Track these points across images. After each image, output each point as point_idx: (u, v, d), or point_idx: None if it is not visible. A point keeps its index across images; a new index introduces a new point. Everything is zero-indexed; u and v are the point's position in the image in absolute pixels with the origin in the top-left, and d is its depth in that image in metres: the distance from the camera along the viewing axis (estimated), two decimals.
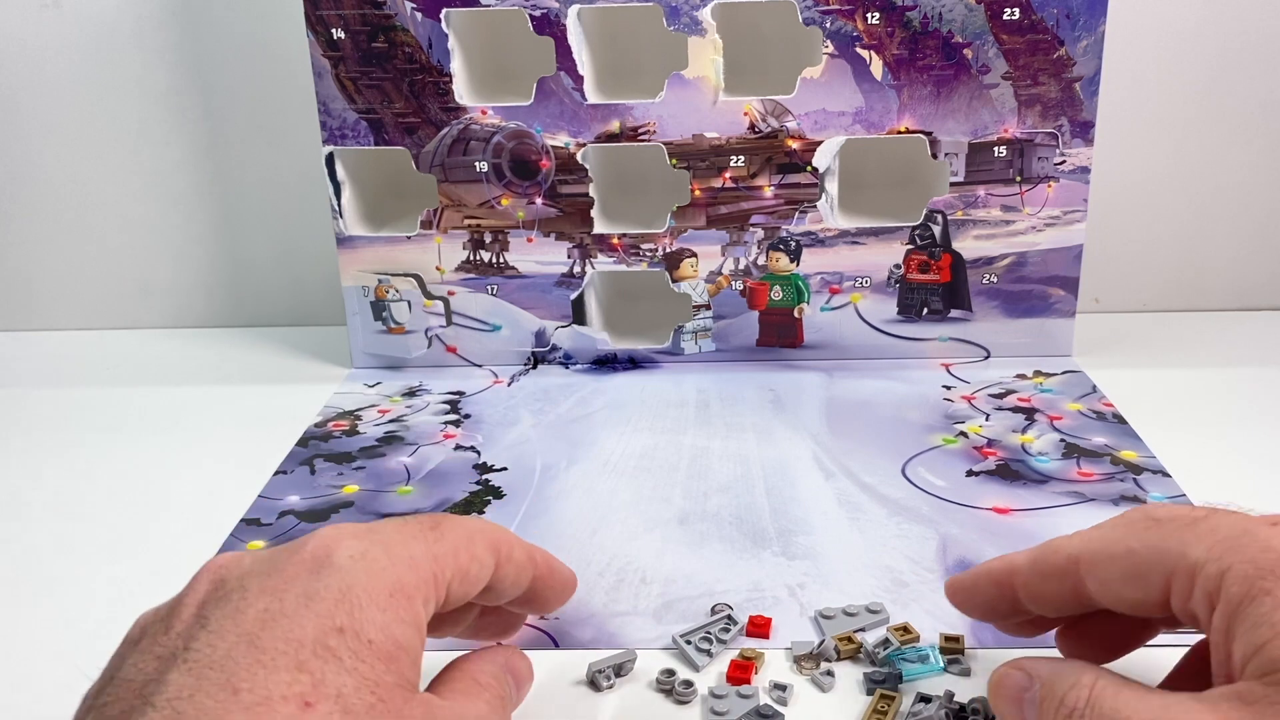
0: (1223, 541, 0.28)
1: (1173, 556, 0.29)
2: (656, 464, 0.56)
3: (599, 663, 0.40)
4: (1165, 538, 0.30)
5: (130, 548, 0.51)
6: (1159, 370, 0.66)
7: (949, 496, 0.52)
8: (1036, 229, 0.65)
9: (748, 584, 0.45)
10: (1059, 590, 0.33)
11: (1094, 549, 0.31)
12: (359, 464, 0.57)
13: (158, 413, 0.66)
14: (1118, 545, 0.31)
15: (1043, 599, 0.33)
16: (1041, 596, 0.33)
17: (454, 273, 0.68)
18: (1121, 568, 0.30)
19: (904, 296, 0.67)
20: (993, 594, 0.35)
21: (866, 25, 0.62)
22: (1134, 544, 0.30)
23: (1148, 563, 0.30)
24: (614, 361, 0.69)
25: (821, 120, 0.64)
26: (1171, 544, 0.29)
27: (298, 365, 0.72)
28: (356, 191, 0.68)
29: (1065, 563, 0.32)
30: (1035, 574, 0.33)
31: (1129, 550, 0.30)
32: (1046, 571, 0.33)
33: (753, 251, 0.67)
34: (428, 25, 0.63)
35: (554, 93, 0.64)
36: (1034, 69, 0.62)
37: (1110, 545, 0.31)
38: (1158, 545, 0.30)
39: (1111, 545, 0.31)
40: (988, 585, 0.35)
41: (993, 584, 0.35)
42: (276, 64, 0.73)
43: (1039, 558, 0.33)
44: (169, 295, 0.80)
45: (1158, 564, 0.29)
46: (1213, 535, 0.29)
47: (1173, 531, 0.30)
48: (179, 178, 0.77)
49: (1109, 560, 0.31)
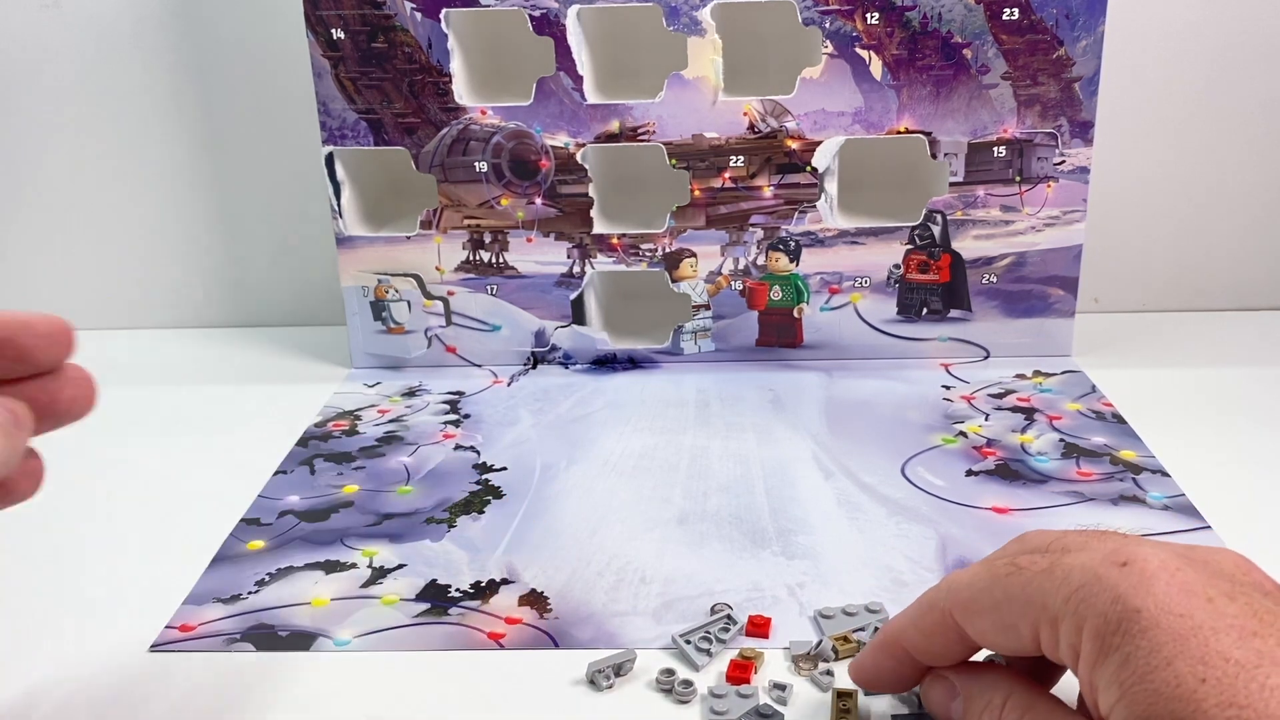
0: (1077, 592, 0.27)
1: (1035, 608, 0.29)
2: (656, 464, 0.56)
3: (599, 663, 0.40)
4: (1026, 587, 0.29)
5: (130, 547, 0.51)
6: (1158, 370, 0.66)
7: (948, 496, 0.52)
8: (1036, 229, 0.65)
9: (747, 584, 0.45)
10: (945, 644, 0.32)
11: (963, 600, 0.31)
12: (359, 464, 0.58)
13: (158, 413, 0.66)
14: (985, 597, 0.30)
15: (936, 655, 0.33)
16: (933, 653, 0.33)
17: (454, 273, 0.68)
18: (991, 620, 0.30)
19: (904, 296, 0.67)
20: (893, 664, 0.34)
21: (866, 25, 0.62)
22: (999, 595, 0.30)
23: (1015, 615, 0.29)
24: (614, 361, 0.69)
25: (821, 120, 0.64)
26: (1032, 594, 0.29)
27: (298, 365, 0.72)
28: (356, 191, 0.68)
29: (942, 617, 0.32)
30: (919, 634, 0.33)
31: (995, 603, 0.30)
32: (928, 630, 0.33)
33: (752, 251, 0.67)
34: (428, 25, 0.63)
35: (554, 93, 0.64)
36: (1033, 69, 0.62)
37: (978, 596, 0.31)
38: (1020, 596, 0.29)
39: (980, 596, 0.30)
40: (885, 658, 0.35)
41: (889, 655, 0.34)
42: (276, 64, 0.73)
43: (917, 617, 0.33)
44: (169, 295, 0.80)
45: (1023, 615, 0.29)
46: (1067, 584, 0.28)
47: (1032, 580, 0.29)
48: (179, 178, 0.77)
49: (979, 613, 0.31)
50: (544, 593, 0.45)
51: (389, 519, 0.52)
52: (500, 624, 0.44)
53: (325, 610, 0.45)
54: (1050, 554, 0.30)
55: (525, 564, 0.48)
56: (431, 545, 0.49)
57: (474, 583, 0.46)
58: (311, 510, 0.53)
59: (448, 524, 0.51)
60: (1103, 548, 0.29)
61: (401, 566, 0.48)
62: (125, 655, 0.42)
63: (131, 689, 0.40)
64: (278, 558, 0.49)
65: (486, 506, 0.53)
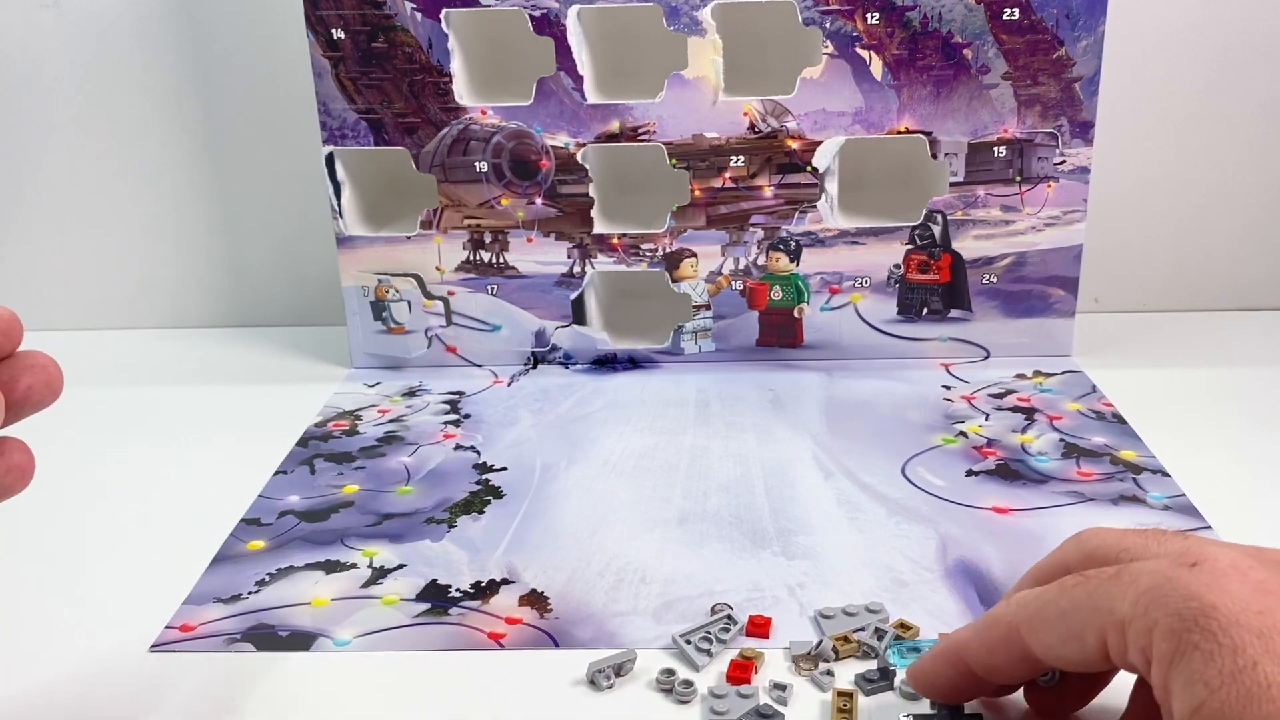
0: (1146, 594, 0.27)
1: (1101, 614, 0.28)
2: (656, 464, 0.56)
3: (599, 663, 0.40)
4: (1092, 594, 0.29)
5: (130, 547, 0.51)
6: (1159, 370, 0.66)
7: (949, 496, 0.52)
8: (1036, 229, 0.65)
9: (747, 584, 0.45)
10: (1008, 660, 0.32)
11: (1030, 614, 0.31)
12: (359, 464, 0.57)
13: (158, 413, 0.66)
14: (1051, 609, 0.30)
15: (996, 670, 0.33)
16: (994, 668, 0.33)
17: (454, 273, 0.68)
18: (1057, 631, 0.30)
19: (904, 296, 0.67)
20: (951, 674, 0.34)
21: (866, 25, 0.62)
22: (1065, 605, 0.30)
23: (1081, 623, 0.29)
24: (614, 361, 0.69)
25: (821, 120, 0.64)
26: (1099, 600, 0.29)
27: (298, 365, 0.72)
28: (356, 191, 0.68)
29: (1007, 631, 0.32)
30: (982, 648, 0.33)
31: (1061, 612, 0.30)
32: (992, 644, 0.32)
33: (753, 251, 0.67)
34: (428, 25, 0.63)
35: (554, 93, 0.64)
36: (1034, 69, 0.62)
37: (1045, 609, 0.30)
38: (1086, 604, 0.29)
39: (1046, 609, 0.30)
40: (944, 667, 0.34)
41: (948, 665, 0.34)
42: (276, 64, 0.73)
43: (982, 631, 0.33)
44: (169, 295, 0.80)
45: (1089, 623, 0.29)
46: (1135, 588, 0.28)
47: (1098, 587, 0.29)
48: (179, 178, 0.77)
49: (1045, 624, 0.30)
50: (544, 593, 0.45)
51: (389, 519, 0.52)
52: (500, 624, 0.44)
53: (325, 610, 0.45)
54: (1119, 563, 0.29)
55: (525, 564, 0.48)
56: (432, 545, 0.49)
57: (474, 583, 0.46)
58: (311, 510, 0.53)
59: (448, 524, 0.51)
60: (1169, 549, 0.28)
61: (402, 566, 0.48)
62: (125, 655, 0.42)
63: (131, 689, 0.40)
64: (278, 558, 0.49)
65: (486, 506, 0.53)
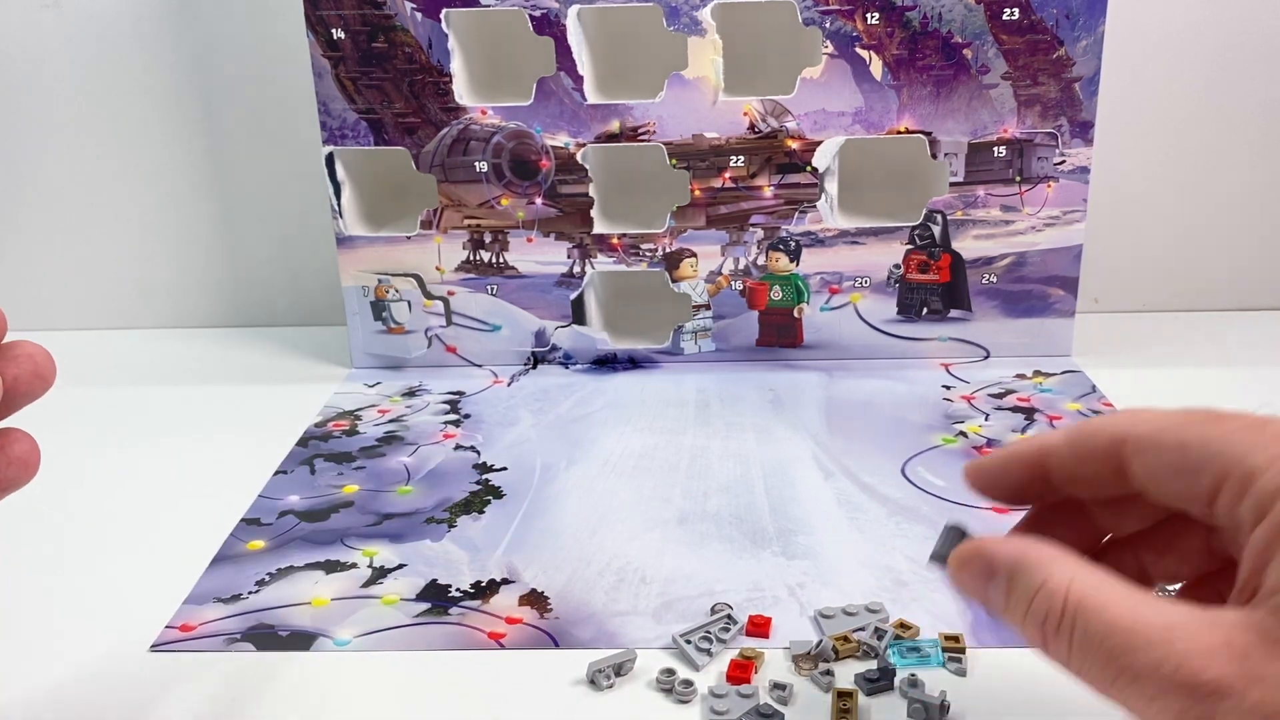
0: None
1: (1230, 458, 0.26)
2: (656, 464, 0.56)
3: (599, 662, 0.40)
4: (1227, 436, 0.26)
5: (130, 547, 0.51)
6: (1158, 370, 0.66)
7: (949, 496, 0.52)
8: (1036, 229, 0.65)
9: (747, 584, 0.45)
10: (1099, 473, 0.30)
11: (1143, 433, 0.28)
12: (359, 464, 0.58)
13: (157, 413, 0.66)
14: (1170, 435, 0.28)
15: (1080, 481, 0.31)
16: (1079, 478, 0.31)
17: (454, 273, 0.68)
18: (1171, 459, 0.28)
19: (904, 296, 0.67)
20: (1022, 477, 0.32)
21: (866, 25, 0.62)
22: (1189, 436, 0.27)
23: (1201, 459, 0.27)
24: (614, 361, 0.69)
25: (821, 120, 0.64)
26: (1233, 444, 0.26)
27: (298, 365, 0.72)
28: (356, 191, 0.68)
29: (1109, 444, 0.29)
30: (1073, 455, 0.30)
31: (1182, 442, 0.27)
32: (1087, 453, 0.30)
33: (752, 251, 0.67)
34: (428, 25, 0.63)
35: (554, 93, 0.64)
36: (1034, 69, 0.62)
37: (1162, 433, 0.28)
38: (1215, 442, 0.27)
39: (1164, 434, 0.28)
40: (1018, 468, 0.32)
41: (1023, 466, 0.32)
42: (276, 64, 0.73)
43: (1078, 439, 0.30)
44: (169, 295, 0.80)
45: (1212, 462, 0.26)
46: (1278, 442, 0.25)
47: (1236, 430, 0.27)
48: (179, 178, 0.77)
49: (1158, 449, 0.28)
50: (544, 593, 0.45)
51: (389, 519, 0.52)
52: (500, 624, 0.44)
53: (325, 610, 0.45)
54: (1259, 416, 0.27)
55: (525, 564, 0.48)
56: (432, 545, 0.49)
57: (474, 583, 0.46)
58: (311, 510, 0.53)
59: (448, 524, 0.51)
60: None
61: (402, 566, 0.48)
62: (125, 655, 0.42)
63: (131, 689, 0.40)
64: (278, 558, 0.49)
65: (486, 506, 0.53)
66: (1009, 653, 0.40)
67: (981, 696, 0.38)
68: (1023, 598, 0.27)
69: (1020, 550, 0.28)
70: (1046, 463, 0.31)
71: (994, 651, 0.40)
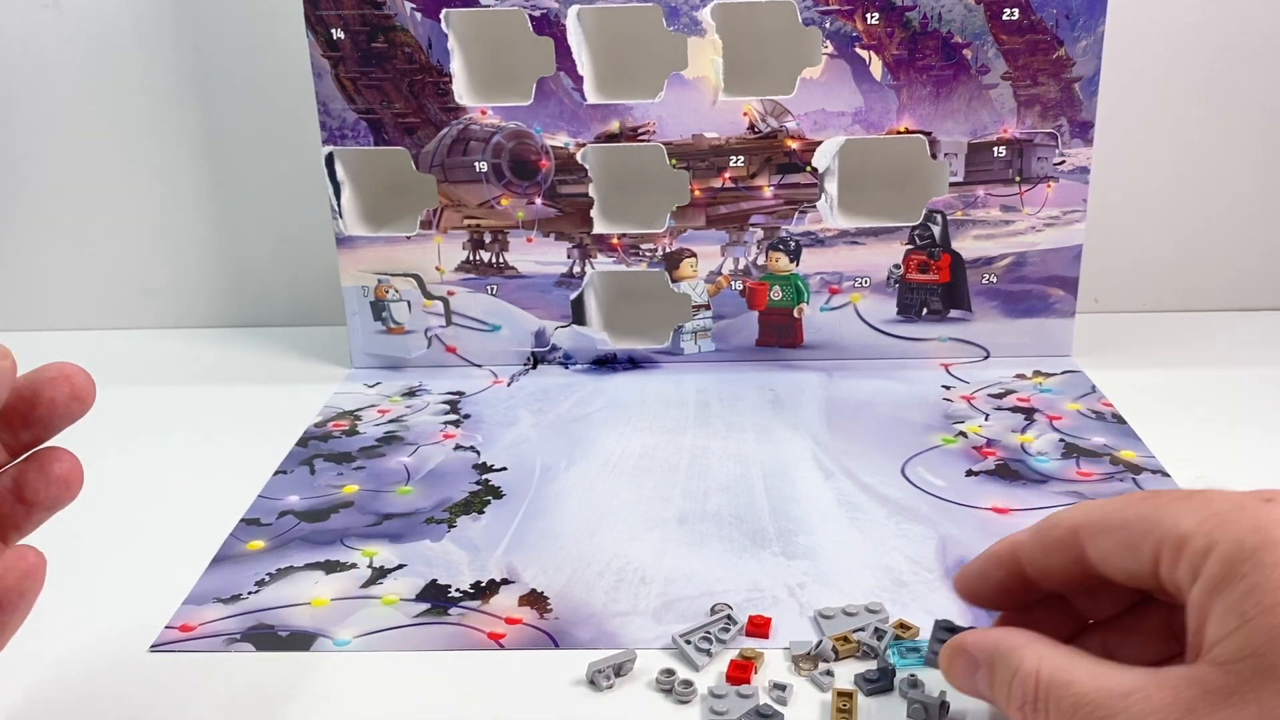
0: (1214, 516, 0.28)
1: (1164, 527, 0.29)
2: (656, 464, 0.56)
3: (599, 663, 0.40)
4: (1159, 509, 0.29)
5: (130, 547, 0.51)
6: (1158, 370, 0.66)
7: (948, 496, 0.52)
8: (1036, 229, 0.65)
9: (747, 584, 0.45)
10: (1063, 562, 0.32)
11: (1093, 519, 0.31)
12: (359, 464, 0.58)
13: (158, 413, 0.66)
14: (1114, 516, 0.31)
15: (1048, 573, 0.33)
16: (1047, 571, 0.33)
17: (454, 273, 0.68)
18: (1117, 538, 0.30)
19: (904, 296, 0.67)
20: (1002, 576, 0.35)
21: (866, 25, 0.62)
22: (1129, 514, 0.30)
23: (1141, 533, 0.30)
24: (614, 361, 0.69)
25: (821, 120, 0.64)
26: (1165, 515, 0.29)
27: (298, 365, 0.72)
28: (356, 191, 0.68)
29: (1066, 534, 0.32)
30: (1039, 548, 0.33)
31: (1124, 521, 0.30)
32: (1049, 545, 0.33)
33: (752, 251, 0.67)
34: (428, 25, 0.63)
35: (554, 93, 0.64)
36: (1033, 69, 0.62)
37: (1108, 516, 0.31)
38: (1151, 516, 0.29)
39: (1109, 516, 0.31)
40: (995, 569, 0.35)
41: (999, 566, 0.35)
42: (276, 64, 0.73)
43: (1041, 531, 0.33)
44: (169, 295, 0.80)
45: (1149, 534, 0.29)
46: (1205, 509, 0.28)
47: (1167, 503, 0.29)
48: (179, 178, 0.77)
49: (1106, 531, 0.31)
50: (544, 593, 0.45)
51: (389, 519, 0.52)
52: (500, 624, 0.44)
53: (325, 610, 0.45)
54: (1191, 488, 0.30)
55: (525, 564, 0.48)
56: (431, 545, 0.49)
57: (474, 583, 0.46)
58: (311, 510, 0.53)
59: (448, 524, 0.51)
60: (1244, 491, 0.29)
61: (401, 566, 0.48)
62: (125, 655, 0.42)
63: (131, 689, 0.41)
64: (278, 558, 0.49)
65: (486, 506, 0.53)
66: None
67: None
68: (1003, 684, 0.30)
69: (995, 641, 0.31)
70: (1018, 559, 0.34)
71: None
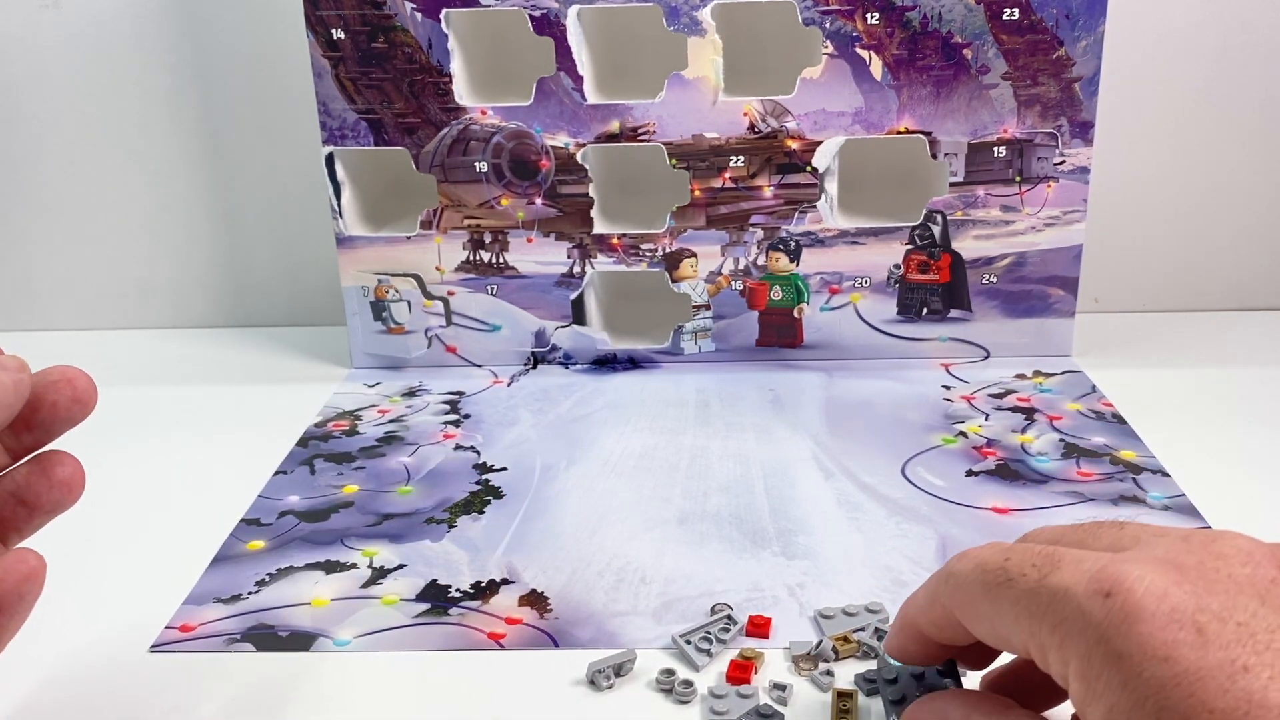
0: (1061, 625, 0.27)
1: (1024, 631, 0.28)
2: (656, 464, 0.56)
3: (599, 663, 0.40)
4: (1015, 605, 0.28)
5: (130, 547, 0.51)
6: (1158, 370, 0.66)
7: (948, 496, 0.52)
8: (1036, 229, 0.65)
9: (747, 584, 0.45)
10: (955, 634, 0.32)
11: (959, 601, 0.31)
12: (359, 464, 0.58)
13: (157, 413, 0.66)
14: (979, 605, 0.30)
15: (950, 639, 0.32)
16: (947, 638, 0.33)
17: (454, 273, 0.68)
18: (989, 628, 0.30)
19: (904, 296, 0.67)
20: (917, 646, 0.34)
21: (866, 25, 0.62)
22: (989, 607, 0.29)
23: (1006, 629, 0.29)
24: (614, 361, 0.69)
25: (821, 120, 0.64)
26: (1020, 614, 0.28)
27: (298, 365, 0.72)
28: (356, 191, 0.68)
29: (944, 611, 0.31)
30: (930, 624, 0.32)
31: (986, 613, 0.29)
32: (936, 620, 0.32)
33: (752, 251, 0.67)
34: (428, 25, 0.63)
35: (554, 93, 0.64)
36: (1033, 69, 0.62)
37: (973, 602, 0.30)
38: (1009, 614, 0.29)
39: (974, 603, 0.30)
40: (907, 641, 0.34)
41: (909, 639, 0.34)
42: (276, 64, 0.73)
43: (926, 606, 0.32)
44: (169, 295, 0.80)
45: (1014, 633, 0.29)
46: (1053, 613, 0.27)
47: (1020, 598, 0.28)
48: (179, 178, 0.77)
49: (978, 619, 0.30)
50: (544, 593, 0.45)
51: (389, 519, 0.52)
52: (500, 624, 0.44)
53: (325, 610, 0.45)
54: (1041, 567, 0.29)
55: (525, 564, 0.48)
56: (431, 545, 0.49)
57: (474, 583, 0.46)
58: (311, 510, 0.53)
59: (448, 524, 0.51)
60: (1090, 567, 0.27)
61: (401, 567, 0.48)
62: (125, 655, 0.42)
63: (131, 689, 0.41)
64: (278, 558, 0.49)
65: (486, 506, 0.53)
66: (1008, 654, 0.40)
67: None
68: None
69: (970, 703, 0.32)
70: (919, 629, 0.33)
71: None
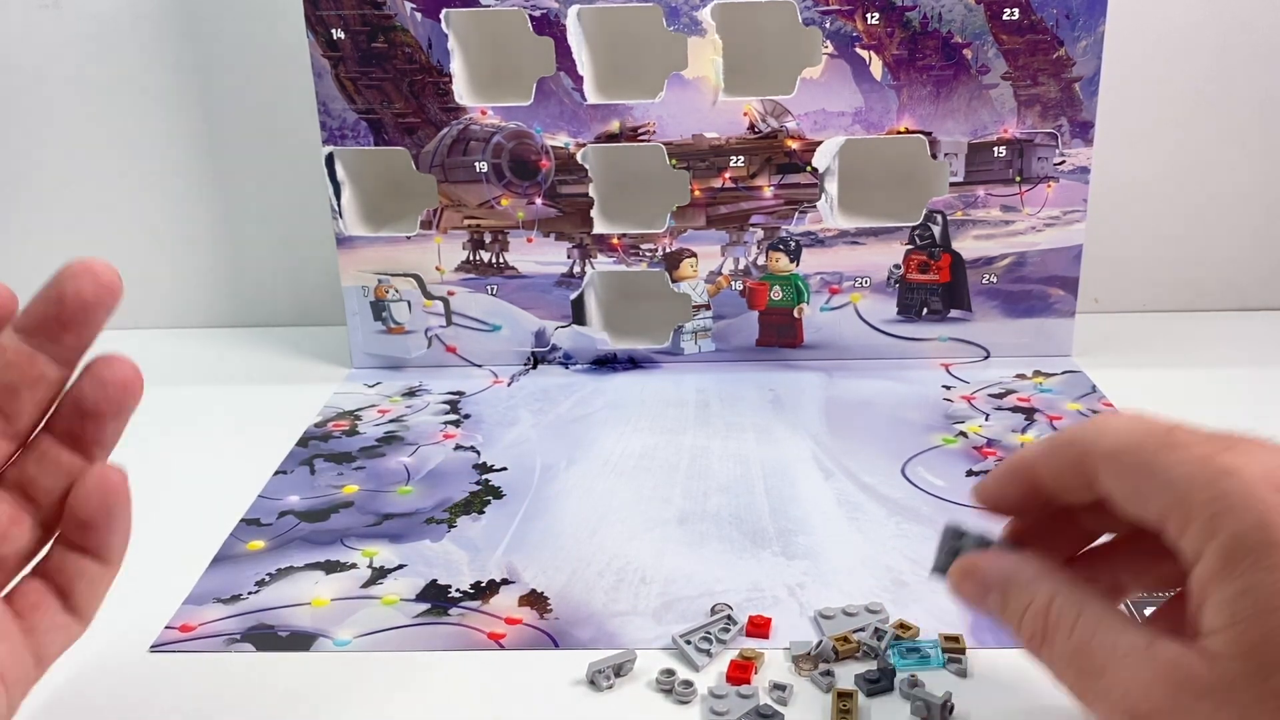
0: (1221, 498, 0.26)
1: (1175, 494, 0.27)
2: (656, 464, 0.56)
3: (599, 663, 0.40)
4: (1173, 468, 0.27)
5: (130, 547, 0.50)
6: (1158, 370, 0.66)
7: (949, 496, 0.52)
8: (1036, 229, 0.65)
9: (747, 584, 0.45)
10: (1076, 485, 0.31)
11: (1107, 450, 0.29)
12: (359, 464, 0.58)
13: (157, 413, 0.66)
14: (1130, 457, 0.28)
15: (1062, 491, 0.32)
16: (1061, 489, 0.31)
17: (454, 273, 0.68)
18: (1127, 485, 0.28)
19: (904, 296, 0.67)
20: (1019, 490, 0.33)
21: (866, 25, 0.62)
22: (1144, 461, 0.28)
23: (1152, 489, 0.28)
24: (614, 361, 0.69)
25: (821, 120, 0.64)
26: (1177, 479, 0.27)
27: (298, 365, 0.72)
28: (356, 191, 0.68)
29: (1079, 457, 0.30)
30: (1051, 467, 0.31)
31: (1137, 467, 0.28)
32: (1061, 466, 0.31)
33: (752, 251, 0.67)
34: (428, 25, 0.63)
35: (554, 93, 0.64)
36: (1033, 69, 0.62)
37: (1123, 454, 0.29)
38: (1164, 476, 0.27)
39: (1125, 455, 0.29)
40: (1013, 483, 0.33)
41: (1016, 481, 0.33)
42: (276, 64, 0.73)
43: (1055, 449, 0.31)
44: (169, 295, 0.80)
45: (1159, 495, 0.27)
46: (1215, 486, 0.26)
47: (1182, 463, 0.27)
48: (179, 178, 0.77)
49: (1116, 473, 0.29)
50: (544, 593, 0.45)
51: (389, 519, 0.52)
52: (500, 624, 0.44)
53: (325, 610, 0.45)
54: (1215, 442, 0.27)
55: (525, 564, 0.48)
56: (431, 545, 0.49)
57: (474, 583, 0.46)
58: (311, 510, 0.53)
59: (448, 524, 0.51)
60: (1267, 460, 0.26)
61: (401, 567, 0.48)
62: (125, 655, 0.42)
63: (131, 689, 0.41)
64: (278, 558, 0.49)
65: (486, 507, 0.53)
66: (1009, 653, 0.40)
67: (982, 697, 0.38)
68: (1014, 614, 0.31)
69: (1009, 570, 0.31)
70: (1035, 473, 0.32)
71: (994, 652, 0.40)
